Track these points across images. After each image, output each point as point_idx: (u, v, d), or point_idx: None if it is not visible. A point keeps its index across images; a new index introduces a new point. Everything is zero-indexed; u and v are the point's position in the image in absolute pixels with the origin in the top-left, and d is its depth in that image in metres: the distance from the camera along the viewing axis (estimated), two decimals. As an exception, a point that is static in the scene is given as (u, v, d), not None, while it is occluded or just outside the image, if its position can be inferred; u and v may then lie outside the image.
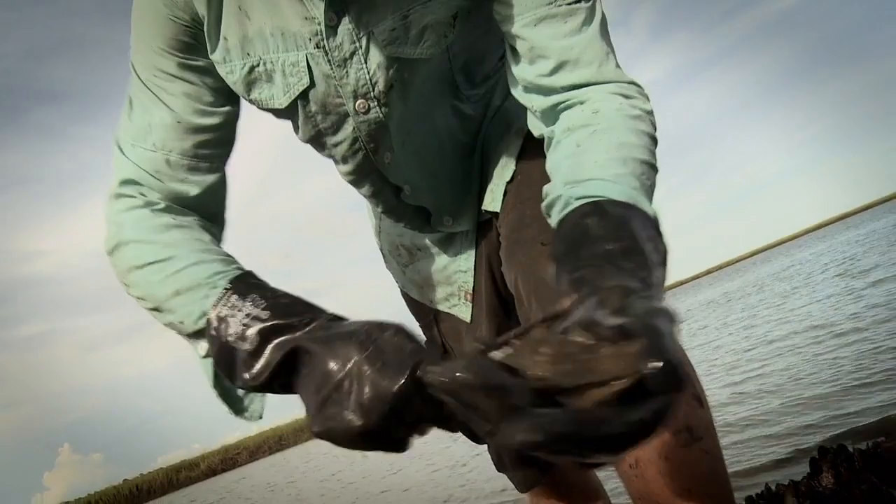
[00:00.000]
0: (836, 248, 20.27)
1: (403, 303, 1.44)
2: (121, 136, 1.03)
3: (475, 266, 1.27)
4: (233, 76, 1.02)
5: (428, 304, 1.36)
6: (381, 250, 1.43)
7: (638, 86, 0.92)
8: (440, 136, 1.14)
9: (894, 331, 5.13)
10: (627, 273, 0.64)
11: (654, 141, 0.87)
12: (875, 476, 1.94)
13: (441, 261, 1.30)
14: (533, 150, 1.09)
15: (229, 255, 0.91)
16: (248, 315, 0.77)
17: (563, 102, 0.92)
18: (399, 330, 0.69)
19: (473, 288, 1.27)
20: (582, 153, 0.82)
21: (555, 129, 0.91)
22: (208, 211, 1.05)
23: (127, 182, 1.00)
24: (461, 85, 1.10)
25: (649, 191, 0.80)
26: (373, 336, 0.68)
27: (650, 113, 0.89)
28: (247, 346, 0.75)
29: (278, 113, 1.08)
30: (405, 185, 1.16)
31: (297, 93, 1.03)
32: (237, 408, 0.94)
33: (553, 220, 0.79)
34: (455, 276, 1.29)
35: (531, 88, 0.96)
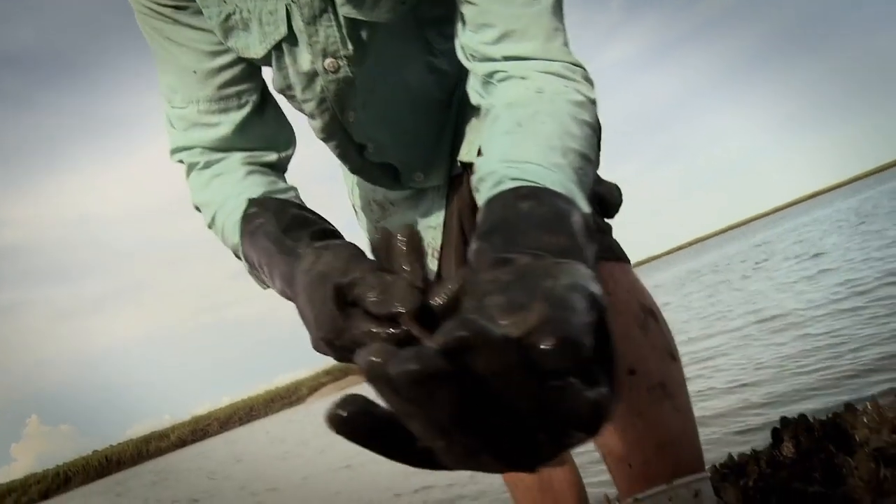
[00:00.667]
0: (796, 231, 20.39)
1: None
2: (164, 104, 1.08)
3: (444, 222, 1.27)
4: (211, 21, 1.01)
5: None
6: (354, 207, 1.43)
7: (583, 69, 0.90)
8: (412, 92, 1.13)
9: (836, 324, 4.93)
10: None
11: (595, 132, 0.84)
12: (833, 445, 2.00)
13: (412, 216, 1.30)
14: None
15: (249, 191, 0.98)
16: (264, 272, 0.88)
17: (502, 72, 0.90)
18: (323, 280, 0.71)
19: (442, 244, 1.27)
20: (522, 133, 0.79)
21: (494, 101, 0.89)
22: (256, 143, 1.07)
23: (175, 151, 1.08)
24: (434, 41, 1.08)
25: (586, 186, 0.77)
26: (309, 291, 0.72)
27: (593, 102, 0.87)
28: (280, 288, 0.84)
29: (257, 61, 1.07)
30: (368, 142, 1.16)
31: (274, 42, 1.02)
32: None
33: (482, 196, 0.75)
34: (425, 232, 1.29)
35: (475, 55, 0.95)
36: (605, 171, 1.18)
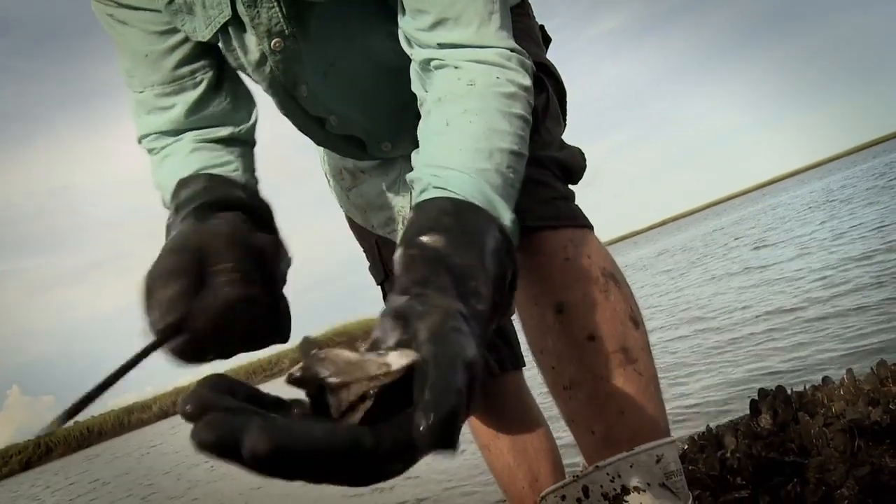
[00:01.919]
0: (757, 216, 20.35)
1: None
2: (127, 90, 1.09)
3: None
4: (157, 3, 1.00)
5: (369, 228, 1.36)
6: (326, 175, 1.43)
7: (521, 54, 0.89)
8: (377, 62, 1.11)
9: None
10: (464, 295, 0.62)
11: (527, 123, 0.85)
12: (809, 416, 2.03)
13: (382, 184, 1.30)
14: None
15: (186, 169, 1.00)
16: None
17: (437, 60, 0.90)
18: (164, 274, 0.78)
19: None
20: (449, 134, 0.80)
21: (427, 95, 0.89)
22: (209, 122, 1.07)
23: (140, 138, 1.09)
24: (395, 6, 1.05)
25: (513, 185, 0.79)
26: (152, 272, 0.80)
27: (527, 89, 0.87)
28: None
29: (203, 45, 1.06)
30: (330, 116, 1.15)
31: (219, 25, 1.00)
32: None
33: (413, 199, 0.77)
34: (395, 199, 1.29)
35: (413, 42, 0.94)
36: (586, 147, 1.17)
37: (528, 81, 0.87)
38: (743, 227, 17.40)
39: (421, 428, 0.46)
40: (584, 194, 1.13)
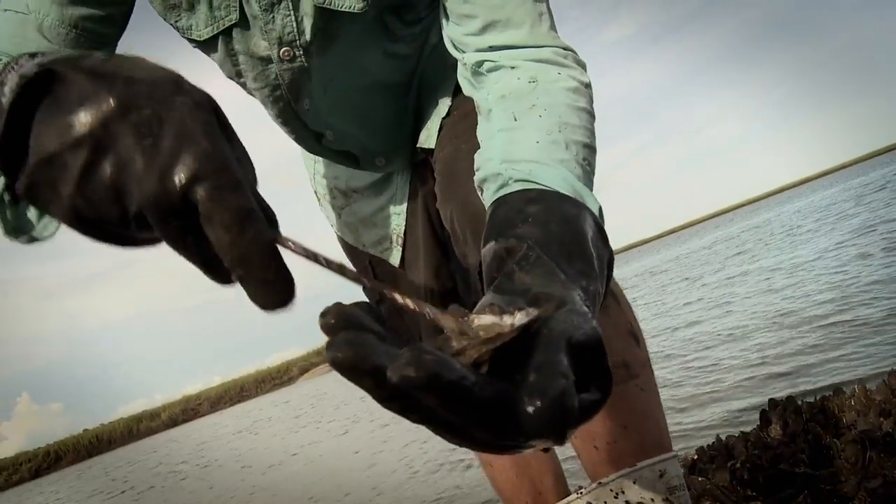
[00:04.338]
0: (750, 231, 20.19)
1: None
2: None
3: (408, 208, 1.25)
4: None
5: (360, 248, 1.34)
6: (316, 194, 1.41)
7: (573, 52, 0.88)
8: (372, 78, 1.10)
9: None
10: (571, 279, 0.55)
11: (593, 118, 0.83)
12: (820, 427, 2.01)
13: (376, 203, 1.28)
14: None
15: None
16: (32, 61, 0.48)
17: (490, 62, 0.88)
18: (204, 105, 0.46)
19: (405, 231, 1.25)
20: (521, 129, 0.77)
21: (488, 96, 0.86)
22: None
23: None
24: (393, 26, 1.05)
25: (591, 176, 0.75)
26: (162, 96, 0.45)
27: (588, 85, 0.85)
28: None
29: (196, 44, 1.02)
30: (326, 130, 1.13)
31: (222, 28, 0.98)
32: (23, 227, 0.72)
33: (487, 197, 0.72)
34: (389, 218, 1.27)
35: (461, 47, 0.93)
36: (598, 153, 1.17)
37: (586, 78, 0.86)
38: (751, 236, 17.34)
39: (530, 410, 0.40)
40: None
